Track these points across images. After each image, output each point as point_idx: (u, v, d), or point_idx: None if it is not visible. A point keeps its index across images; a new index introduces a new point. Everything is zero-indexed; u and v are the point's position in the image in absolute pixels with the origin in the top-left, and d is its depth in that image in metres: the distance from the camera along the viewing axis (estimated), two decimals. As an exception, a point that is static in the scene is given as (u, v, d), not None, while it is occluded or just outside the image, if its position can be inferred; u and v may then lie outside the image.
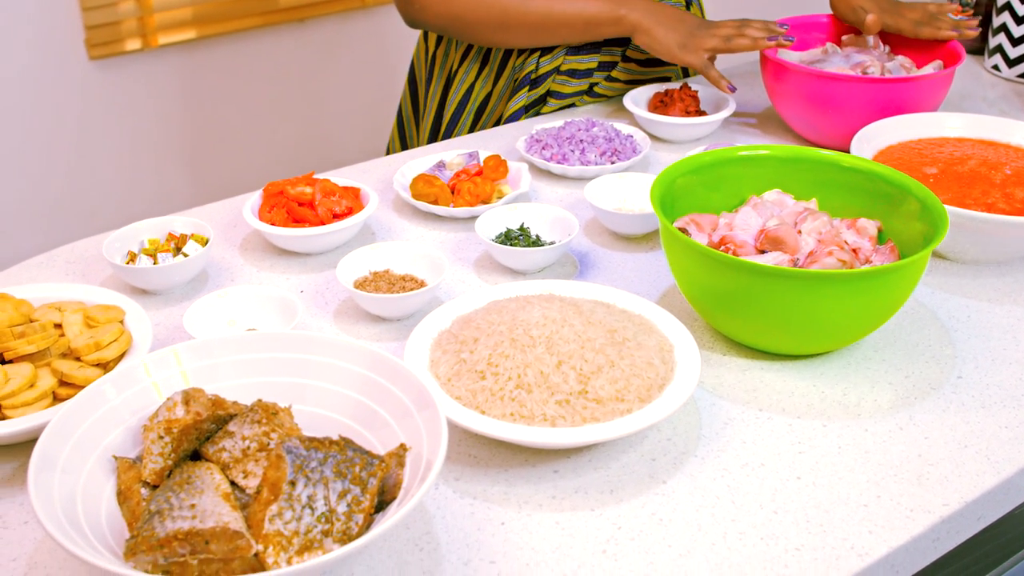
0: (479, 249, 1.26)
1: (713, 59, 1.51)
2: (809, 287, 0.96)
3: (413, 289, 1.12)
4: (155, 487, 0.81)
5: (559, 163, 1.41)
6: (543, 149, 1.44)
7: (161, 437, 0.81)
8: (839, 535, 0.84)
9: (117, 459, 0.83)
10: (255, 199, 1.26)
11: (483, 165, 1.36)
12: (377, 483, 0.78)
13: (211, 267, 1.22)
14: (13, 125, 2.51)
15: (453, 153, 1.41)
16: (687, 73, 1.76)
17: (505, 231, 1.23)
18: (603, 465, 0.92)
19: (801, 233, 1.10)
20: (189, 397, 0.83)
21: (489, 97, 1.65)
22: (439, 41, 1.69)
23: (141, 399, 0.86)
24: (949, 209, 1.13)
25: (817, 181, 1.17)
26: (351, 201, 1.26)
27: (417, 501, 0.74)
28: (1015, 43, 1.78)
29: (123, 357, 0.98)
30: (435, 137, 1.71)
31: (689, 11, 1.60)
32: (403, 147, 1.82)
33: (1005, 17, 1.78)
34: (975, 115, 1.39)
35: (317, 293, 1.17)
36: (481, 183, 1.31)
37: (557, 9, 1.51)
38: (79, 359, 0.96)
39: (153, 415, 0.83)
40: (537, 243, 1.22)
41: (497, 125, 1.65)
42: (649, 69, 1.67)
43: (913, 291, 1.03)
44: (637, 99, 1.58)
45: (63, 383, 0.94)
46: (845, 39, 1.65)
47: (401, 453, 0.82)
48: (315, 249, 1.23)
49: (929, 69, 1.54)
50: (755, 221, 1.12)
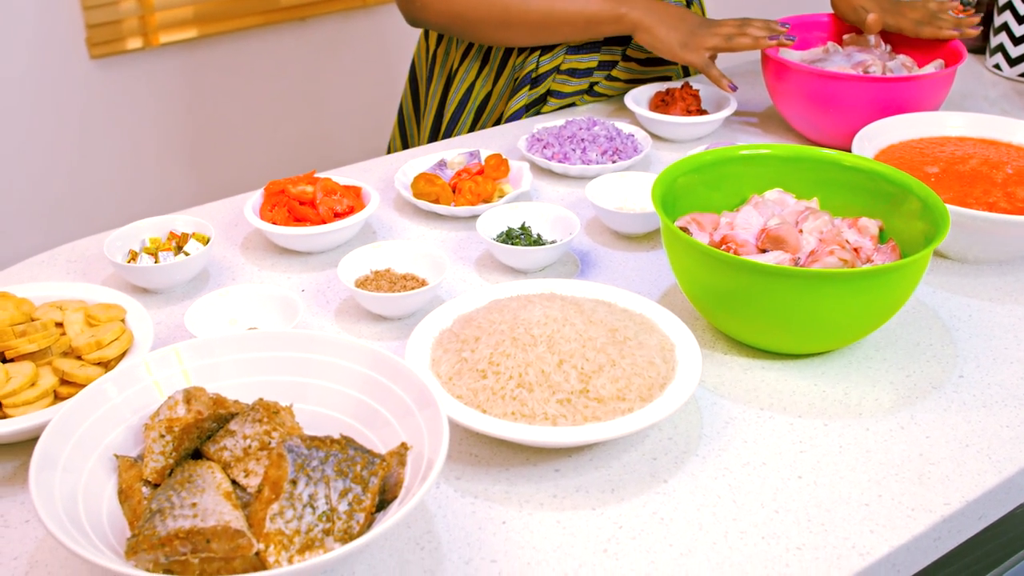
0: (480, 248, 1.26)
1: (714, 58, 1.51)
2: (810, 286, 0.96)
3: (414, 288, 1.12)
4: (156, 486, 0.81)
5: (560, 162, 1.41)
6: (544, 148, 1.44)
7: (162, 436, 0.81)
8: (840, 534, 0.84)
9: (118, 458, 0.83)
10: (256, 198, 1.26)
11: (484, 164, 1.36)
12: (378, 482, 0.78)
13: (212, 266, 1.22)
14: (14, 124, 2.51)
15: (454, 152, 1.41)
16: (688, 72, 1.76)
17: (506, 230, 1.23)
18: (604, 464, 0.92)
19: (802, 232, 1.10)
20: (190, 396, 0.83)
21: (489, 96, 1.65)
22: (440, 40, 1.69)
23: (142, 398, 0.86)
24: (950, 208, 1.13)
25: (818, 180, 1.17)
26: (352, 200, 1.26)
27: (418, 500, 0.74)
28: (1016, 42, 1.78)
29: (124, 356, 0.98)
30: (435, 136, 1.71)
31: (690, 9, 1.60)
32: (404, 146, 1.82)
33: (1006, 16, 1.78)
34: (976, 114, 1.39)
35: (318, 292, 1.17)
36: (482, 182, 1.31)
37: (558, 7, 1.51)
38: (80, 358, 0.96)
39: (154, 414, 0.83)
40: (538, 242, 1.22)
41: (497, 124, 1.65)
42: (649, 68, 1.67)
43: (914, 290, 1.03)
44: (638, 98, 1.58)
45: (64, 382, 0.94)
46: (846, 38, 1.64)
47: (402, 452, 0.82)
48: (316, 248, 1.23)
49: (930, 68, 1.54)
50: (756, 220, 1.12)
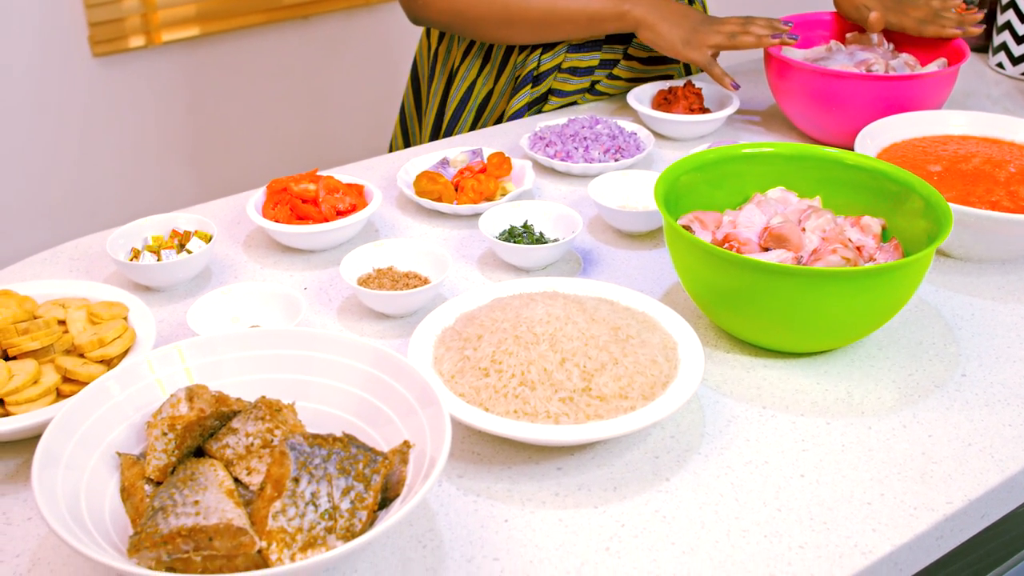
0: (483, 246, 1.26)
1: (716, 56, 1.51)
2: (813, 285, 0.96)
3: (417, 286, 1.12)
4: (159, 484, 0.81)
5: (563, 160, 1.41)
6: (547, 146, 1.43)
7: (165, 434, 0.81)
8: (843, 533, 0.84)
9: (121, 455, 0.83)
10: (259, 196, 1.26)
11: (487, 162, 1.36)
12: (380, 480, 0.78)
13: (215, 264, 1.22)
14: (17, 122, 2.51)
15: (457, 150, 1.41)
16: (689, 71, 1.75)
17: (509, 228, 1.23)
18: (606, 462, 0.92)
19: (805, 231, 1.10)
20: (193, 394, 0.83)
21: (491, 95, 1.65)
22: (441, 38, 1.69)
23: (145, 395, 0.86)
24: (953, 207, 1.13)
25: (821, 179, 1.17)
26: (355, 198, 1.25)
27: (420, 498, 0.74)
28: (1019, 41, 1.77)
29: (127, 354, 0.98)
30: (437, 135, 1.71)
31: (693, 7, 1.60)
32: (406, 144, 1.82)
33: (1009, 15, 1.78)
34: (979, 113, 1.39)
35: (321, 290, 1.17)
36: (485, 180, 1.31)
37: (560, 5, 1.51)
38: (83, 356, 0.96)
39: (157, 411, 0.83)
40: (541, 240, 1.22)
41: (498, 123, 1.65)
42: (651, 67, 1.67)
43: (917, 289, 1.03)
44: (641, 96, 1.58)
45: (67, 379, 0.94)
46: (849, 37, 1.64)
47: (404, 450, 0.82)
48: (319, 246, 1.23)
49: (933, 67, 1.54)
50: (759, 219, 1.12)
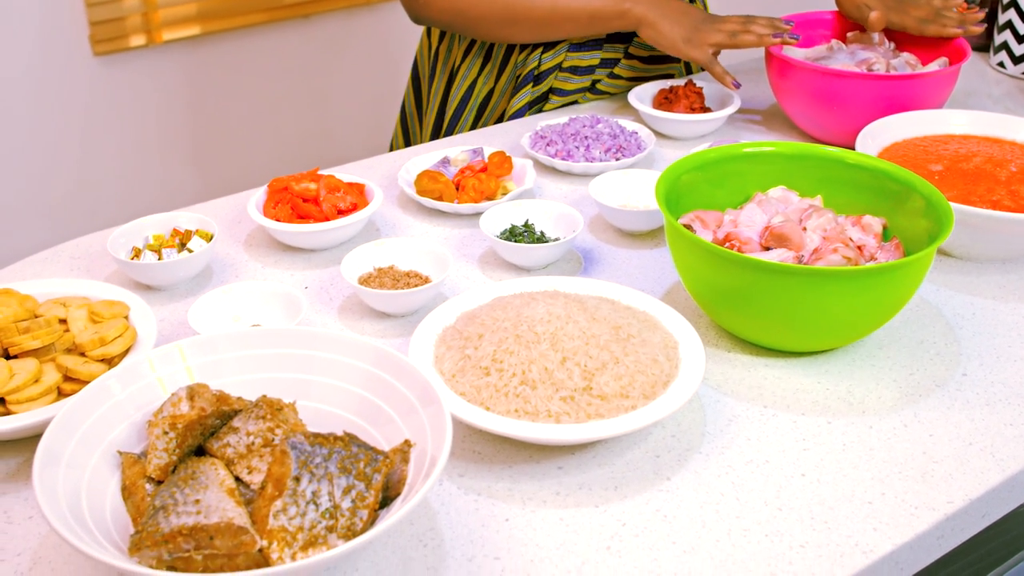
0: (484, 245, 1.26)
1: (717, 54, 1.50)
2: (814, 284, 0.96)
3: (417, 285, 1.12)
4: (160, 483, 0.81)
5: (564, 159, 1.41)
6: (548, 145, 1.43)
7: (166, 433, 0.81)
8: (843, 532, 0.84)
9: (122, 454, 0.83)
10: (260, 195, 1.26)
11: (488, 161, 1.36)
12: (381, 479, 0.78)
13: (215, 263, 1.22)
14: (18, 121, 2.51)
15: (458, 149, 1.41)
16: (690, 70, 1.75)
17: (510, 227, 1.23)
18: (607, 462, 0.92)
19: (806, 230, 1.10)
20: (194, 393, 0.83)
21: (491, 94, 1.65)
22: (442, 37, 1.69)
23: (146, 394, 0.86)
24: (954, 206, 1.13)
25: (822, 178, 1.17)
26: (356, 197, 1.25)
27: (421, 497, 0.74)
28: (1021, 40, 1.77)
29: (128, 353, 0.98)
30: (438, 134, 1.71)
31: (694, 5, 1.59)
32: (406, 144, 1.82)
33: (1011, 14, 1.77)
34: (980, 112, 1.39)
35: (321, 289, 1.17)
36: (486, 179, 1.31)
37: (562, 4, 1.51)
38: (84, 354, 0.96)
39: (158, 411, 0.83)
40: (542, 239, 1.22)
41: (499, 122, 1.65)
42: (652, 66, 1.67)
43: (918, 288, 1.03)
44: (642, 96, 1.58)
45: (68, 378, 0.94)
46: (850, 36, 1.64)
47: (405, 449, 0.82)
48: (319, 245, 1.23)
49: (934, 66, 1.54)
50: (760, 218, 1.12)
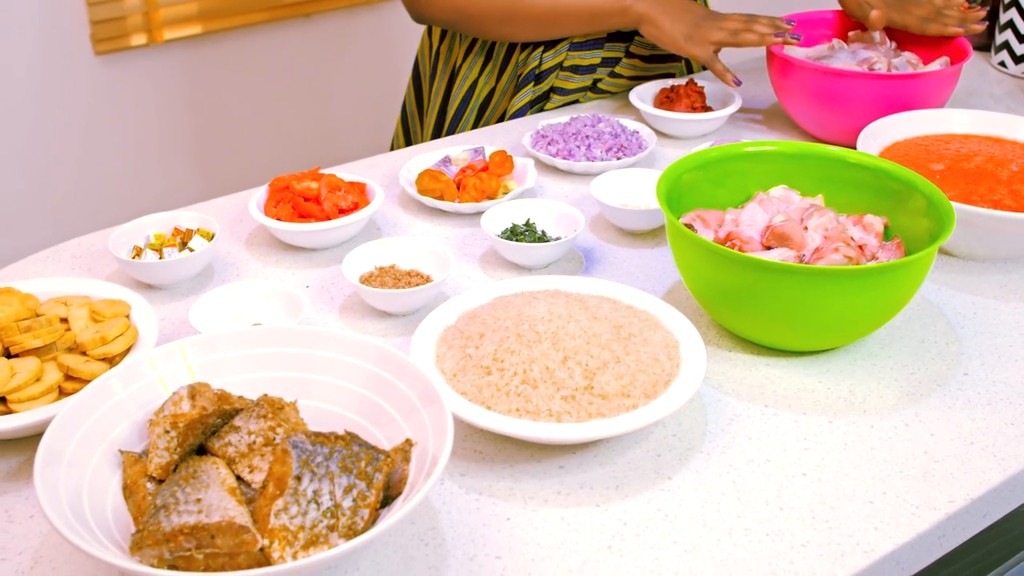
0: (485, 244, 1.26)
1: (718, 52, 1.50)
2: (815, 283, 0.96)
3: (419, 284, 1.12)
4: (161, 481, 0.81)
5: (565, 159, 1.41)
6: (549, 145, 1.43)
7: (167, 431, 0.81)
8: (844, 531, 0.84)
9: (123, 453, 0.83)
10: (261, 194, 1.26)
11: (489, 161, 1.36)
12: (383, 478, 0.78)
13: (217, 262, 1.22)
14: (19, 120, 2.52)
15: (459, 149, 1.41)
16: (691, 69, 1.75)
17: (511, 227, 1.23)
18: (608, 461, 0.92)
19: (807, 229, 1.10)
20: (195, 392, 0.84)
21: (492, 93, 1.65)
22: (443, 37, 1.69)
23: (147, 393, 0.87)
24: (955, 206, 1.13)
25: (823, 177, 1.17)
26: (357, 196, 1.25)
27: (422, 496, 0.74)
28: (1022, 39, 1.77)
29: (129, 352, 0.98)
30: (439, 133, 1.71)
31: (695, 3, 1.59)
32: (407, 143, 1.81)
33: (1012, 14, 1.77)
34: (981, 111, 1.39)
35: (323, 288, 1.17)
36: (487, 179, 1.31)
37: (563, 1, 1.51)
38: (85, 353, 0.96)
39: (159, 409, 0.83)
40: (543, 239, 1.22)
41: (500, 121, 1.65)
42: (653, 65, 1.67)
43: (919, 288, 1.03)
44: (643, 95, 1.58)
45: (69, 377, 0.94)
46: (851, 35, 1.64)
47: (407, 448, 0.82)
48: (321, 244, 1.23)
49: (936, 65, 1.54)
50: (761, 217, 1.12)
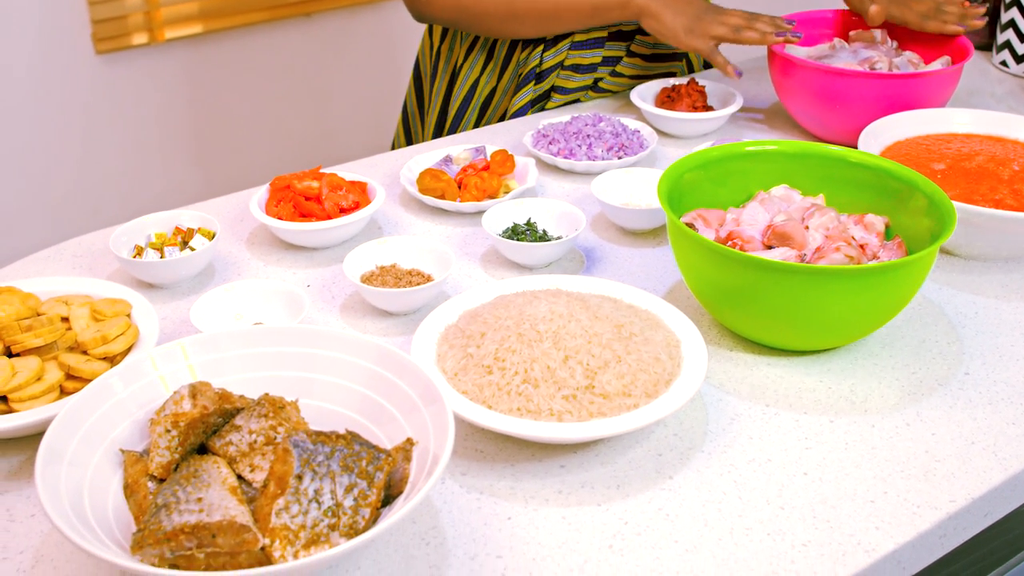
0: (486, 244, 1.26)
1: (718, 46, 1.49)
2: (816, 283, 0.96)
3: (420, 284, 1.12)
4: (162, 481, 0.81)
5: (566, 158, 1.41)
6: (550, 144, 1.43)
7: (168, 431, 0.81)
8: (846, 531, 0.84)
9: (124, 452, 0.83)
10: (262, 193, 1.26)
11: (490, 160, 1.36)
12: (384, 477, 0.78)
13: (218, 261, 1.22)
14: (20, 119, 2.52)
15: (460, 148, 1.41)
16: (692, 69, 1.75)
17: (512, 226, 1.23)
18: (610, 460, 0.92)
19: (808, 229, 1.10)
20: (196, 391, 0.84)
21: (494, 92, 1.65)
22: (444, 36, 1.69)
23: (148, 393, 0.87)
24: (957, 205, 1.13)
25: (824, 177, 1.17)
26: (358, 195, 1.25)
27: (423, 495, 0.74)
28: (1023, 39, 1.77)
29: (130, 351, 0.98)
30: (440, 132, 1.71)
31: None
32: (408, 143, 1.81)
33: (1013, 13, 1.77)
34: (983, 111, 1.39)
35: (324, 287, 1.17)
36: (488, 178, 1.31)
37: None
38: (86, 352, 0.96)
39: (160, 409, 0.83)
40: (544, 238, 1.22)
41: (502, 120, 1.65)
42: (654, 64, 1.67)
43: (920, 287, 1.03)
44: (644, 94, 1.58)
45: (70, 376, 0.94)
46: (852, 34, 1.64)
47: (408, 447, 0.82)
48: (322, 243, 1.23)
49: (937, 65, 1.54)
50: (762, 216, 1.12)
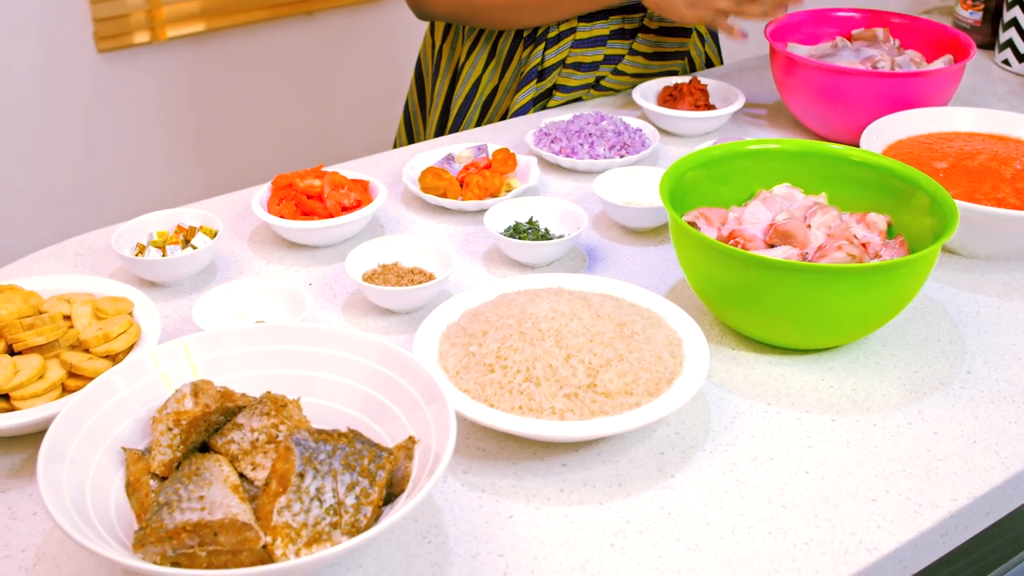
0: (488, 242, 1.26)
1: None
2: (818, 281, 0.96)
3: (422, 282, 1.12)
4: (164, 479, 0.81)
5: (568, 157, 1.41)
6: (552, 143, 1.43)
7: (170, 429, 0.81)
8: (847, 529, 0.84)
9: (126, 451, 0.83)
10: (264, 192, 1.26)
11: (492, 158, 1.36)
12: (385, 476, 0.78)
13: (220, 259, 1.22)
14: (22, 118, 2.52)
15: (462, 146, 1.41)
16: (694, 67, 1.75)
17: (514, 224, 1.23)
18: (611, 459, 0.92)
19: (810, 227, 1.09)
20: (198, 389, 0.84)
21: (496, 90, 1.65)
22: (445, 35, 1.68)
23: (150, 391, 0.87)
24: (959, 204, 1.13)
25: (827, 175, 1.17)
26: (360, 194, 1.25)
27: (425, 494, 0.74)
28: (1026, 37, 1.77)
29: (132, 349, 0.98)
30: (442, 131, 1.71)
31: None
32: (410, 141, 1.81)
33: (1015, 11, 1.77)
34: (985, 110, 1.39)
35: (326, 286, 1.17)
36: (490, 176, 1.31)
37: None
38: (88, 351, 0.96)
39: (162, 407, 0.83)
40: (546, 236, 1.22)
41: (504, 119, 1.65)
42: (655, 63, 1.66)
43: (922, 286, 1.03)
44: (646, 93, 1.57)
45: (72, 375, 0.94)
46: (855, 33, 1.64)
47: (410, 446, 0.82)
48: (324, 242, 1.23)
49: (939, 64, 1.54)
50: (764, 215, 1.12)
